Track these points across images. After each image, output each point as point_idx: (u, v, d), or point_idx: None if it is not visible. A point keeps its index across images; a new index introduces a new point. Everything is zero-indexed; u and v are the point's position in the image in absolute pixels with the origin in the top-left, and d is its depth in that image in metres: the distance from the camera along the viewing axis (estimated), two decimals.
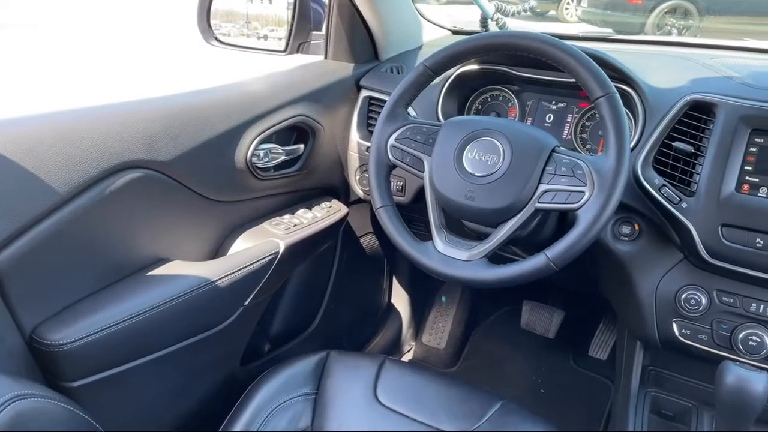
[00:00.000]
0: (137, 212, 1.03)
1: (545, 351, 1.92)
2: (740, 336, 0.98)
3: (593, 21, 6.57)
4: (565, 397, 1.78)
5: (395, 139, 1.07)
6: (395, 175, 1.26)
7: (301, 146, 1.34)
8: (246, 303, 1.19)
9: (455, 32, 1.69)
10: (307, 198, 1.43)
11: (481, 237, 1.01)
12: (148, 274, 1.05)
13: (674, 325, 1.05)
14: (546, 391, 1.81)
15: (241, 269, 1.14)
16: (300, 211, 1.36)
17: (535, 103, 1.29)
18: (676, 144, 1.01)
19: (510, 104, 1.32)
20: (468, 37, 1.02)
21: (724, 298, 1.01)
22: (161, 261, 1.09)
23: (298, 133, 1.35)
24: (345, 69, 1.43)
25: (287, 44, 1.44)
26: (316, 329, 1.60)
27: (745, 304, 0.99)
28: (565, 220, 1.09)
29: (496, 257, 0.97)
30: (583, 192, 0.90)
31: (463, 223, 1.12)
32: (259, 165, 1.23)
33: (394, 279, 1.96)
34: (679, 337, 1.05)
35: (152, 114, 1.04)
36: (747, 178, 0.95)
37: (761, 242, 0.93)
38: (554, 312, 1.86)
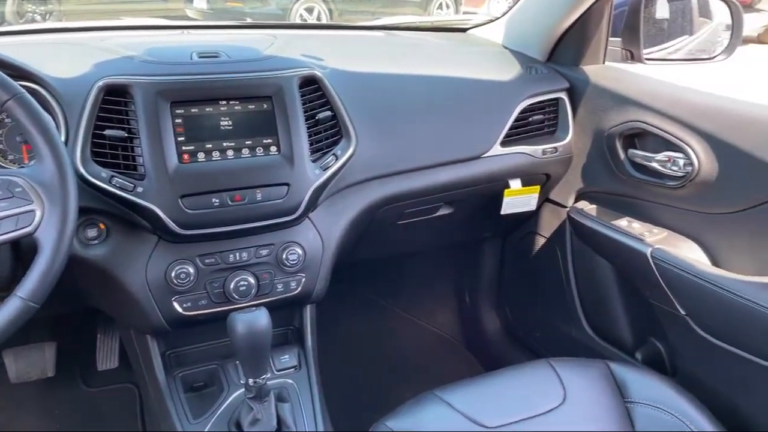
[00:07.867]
0: None
1: (50, 391, 1.67)
2: (231, 286, 1.08)
3: None
4: (90, 426, 1.62)
5: None
6: None
7: None
8: None
9: None
10: None
11: None
12: None
13: (175, 304, 1.07)
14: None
15: None
16: None
17: None
18: (107, 132, 0.99)
19: None
20: None
21: (207, 260, 1.08)
22: None
23: None
24: None
25: None
26: None
27: (225, 257, 1.09)
28: (19, 248, 0.92)
29: None
30: (34, 211, 0.80)
31: None
32: None
33: None
34: (184, 313, 1.08)
35: None
36: (183, 148, 1.02)
37: (216, 200, 1.03)
38: (44, 347, 1.62)
